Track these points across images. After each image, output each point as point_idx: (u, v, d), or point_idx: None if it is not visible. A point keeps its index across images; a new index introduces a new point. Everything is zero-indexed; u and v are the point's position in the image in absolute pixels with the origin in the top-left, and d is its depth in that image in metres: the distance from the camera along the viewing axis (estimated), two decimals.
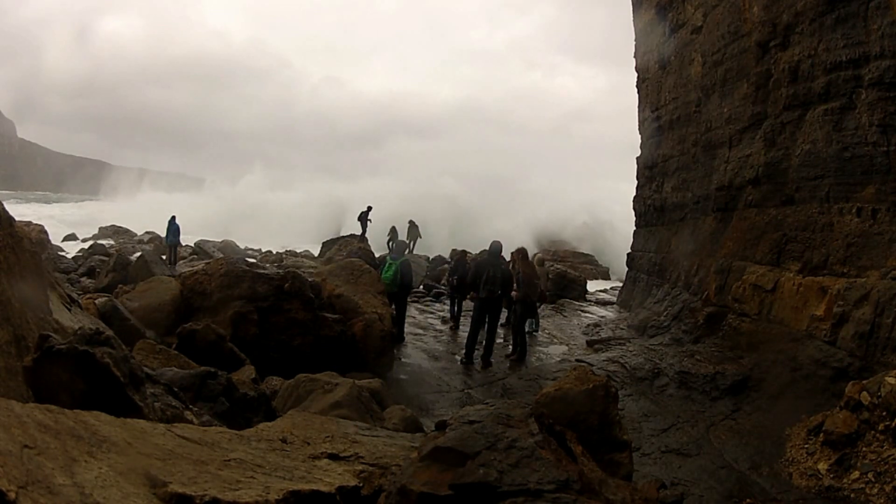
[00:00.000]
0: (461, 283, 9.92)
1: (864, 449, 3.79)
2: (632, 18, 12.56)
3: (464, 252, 11.27)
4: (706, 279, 7.75)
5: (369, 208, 19.98)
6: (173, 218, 16.66)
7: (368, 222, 19.69)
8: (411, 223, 20.72)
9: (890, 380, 3.78)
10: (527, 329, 8.37)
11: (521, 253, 8.02)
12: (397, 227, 19.68)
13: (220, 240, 24.96)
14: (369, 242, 18.72)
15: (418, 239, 20.80)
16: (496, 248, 7.63)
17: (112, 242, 23.83)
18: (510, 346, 8.16)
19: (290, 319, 6.26)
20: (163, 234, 18.08)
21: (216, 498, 1.77)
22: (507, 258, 10.80)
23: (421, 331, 9.32)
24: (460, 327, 9.89)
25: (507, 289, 7.46)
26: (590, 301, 13.67)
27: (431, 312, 11.26)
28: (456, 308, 10.21)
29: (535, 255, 8.86)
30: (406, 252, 17.45)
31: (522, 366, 7.39)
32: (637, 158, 12.44)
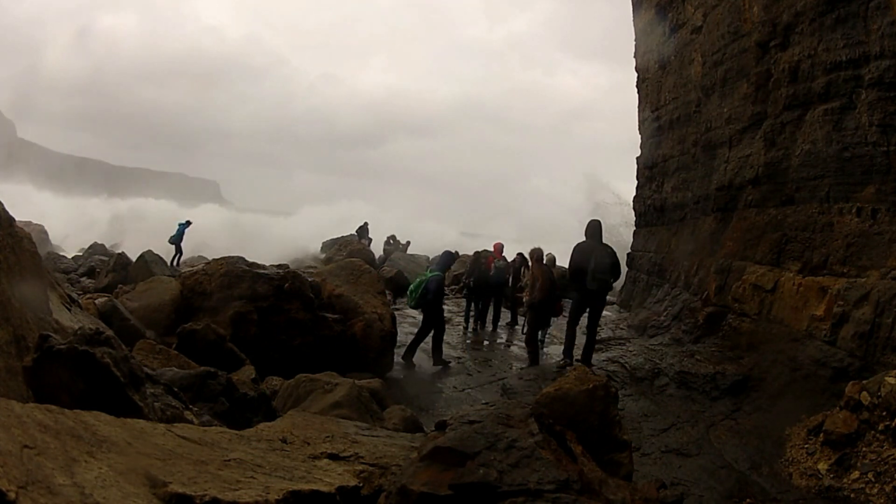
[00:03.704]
0: (478, 285, 9.88)
1: (864, 449, 3.79)
2: (632, 18, 12.57)
3: (477, 253, 11.08)
4: (706, 279, 7.74)
5: (366, 224, 20.50)
6: (188, 222, 16.74)
7: (370, 239, 20.22)
8: (392, 237, 21.67)
9: (890, 380, 3.77)
10: (538, 337, 7.70)
11: (536, 254, 7.45)
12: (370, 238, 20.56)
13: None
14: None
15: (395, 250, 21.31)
16: (596, 228, 6.55)
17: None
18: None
19: (290, 319, 6.26)
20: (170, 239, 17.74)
21: (216, 498, 1.77)
22: (509, 260, 10.84)
23: None
24: (477, 329, 9.87)
25: (617, 277, 6.50)
26: None
27: None
28: (472, 309, 10.16)
29: (548, 254, 8.33)
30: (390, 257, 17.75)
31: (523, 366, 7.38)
32: (637, 158, 12.44)
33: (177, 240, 16.56)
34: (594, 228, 6.55)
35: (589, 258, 6.25)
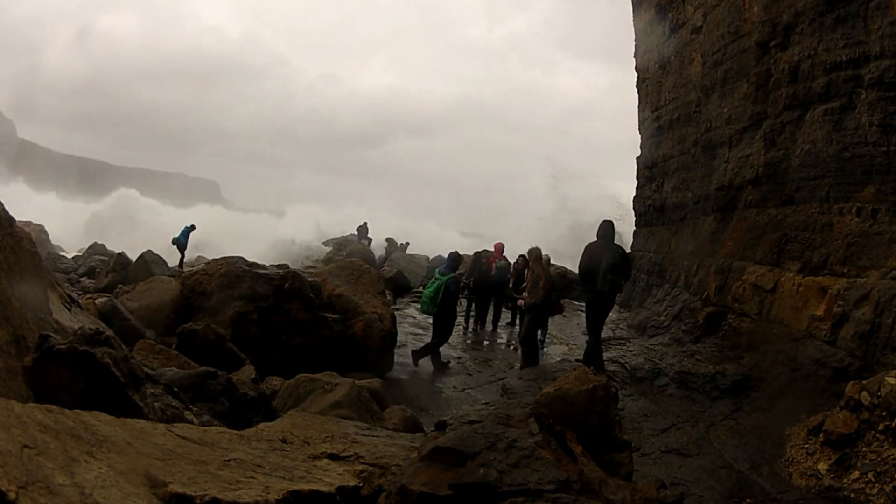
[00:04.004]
0: (478, 285, 9.88)
1: (864, 449, 3.79)
2: (632, 18, 12.57)
3: (478, 253, 11.02)
4: (706, 279, 7.74)
5: (365, 224, 20.51)
6: (192, 226, 16.80)
7: (370, 239, 20.22)
8: (389, 240, 21.59)
9: (890, 380, 3.77)
10: (538, 337, 7.59)
11: (534, 254, 7.24)
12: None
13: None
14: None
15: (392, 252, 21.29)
16: (608, 228, 6.31)
17: None
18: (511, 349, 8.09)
19: (290, 319, 6.26)
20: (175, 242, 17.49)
21: (216, 498, 1.77)
22: (511, 260, 10.83)
23: (421, 331, 9.31)
24: (477, 329, 9.87)
25: (628, 279, 6.27)
26: None
27: None
28: (472, 309, 10.17)
29: (545, 254, 8.19)
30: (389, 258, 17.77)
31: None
32: (637, 158, 12.44)
33: (179, 241, 16.58)
34: (605, 229, 6.34)
35: (600, 259, 6.09)
